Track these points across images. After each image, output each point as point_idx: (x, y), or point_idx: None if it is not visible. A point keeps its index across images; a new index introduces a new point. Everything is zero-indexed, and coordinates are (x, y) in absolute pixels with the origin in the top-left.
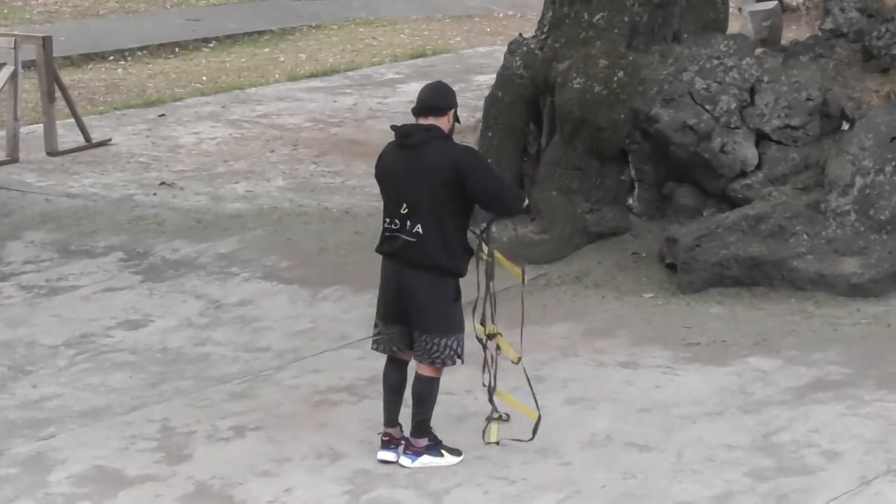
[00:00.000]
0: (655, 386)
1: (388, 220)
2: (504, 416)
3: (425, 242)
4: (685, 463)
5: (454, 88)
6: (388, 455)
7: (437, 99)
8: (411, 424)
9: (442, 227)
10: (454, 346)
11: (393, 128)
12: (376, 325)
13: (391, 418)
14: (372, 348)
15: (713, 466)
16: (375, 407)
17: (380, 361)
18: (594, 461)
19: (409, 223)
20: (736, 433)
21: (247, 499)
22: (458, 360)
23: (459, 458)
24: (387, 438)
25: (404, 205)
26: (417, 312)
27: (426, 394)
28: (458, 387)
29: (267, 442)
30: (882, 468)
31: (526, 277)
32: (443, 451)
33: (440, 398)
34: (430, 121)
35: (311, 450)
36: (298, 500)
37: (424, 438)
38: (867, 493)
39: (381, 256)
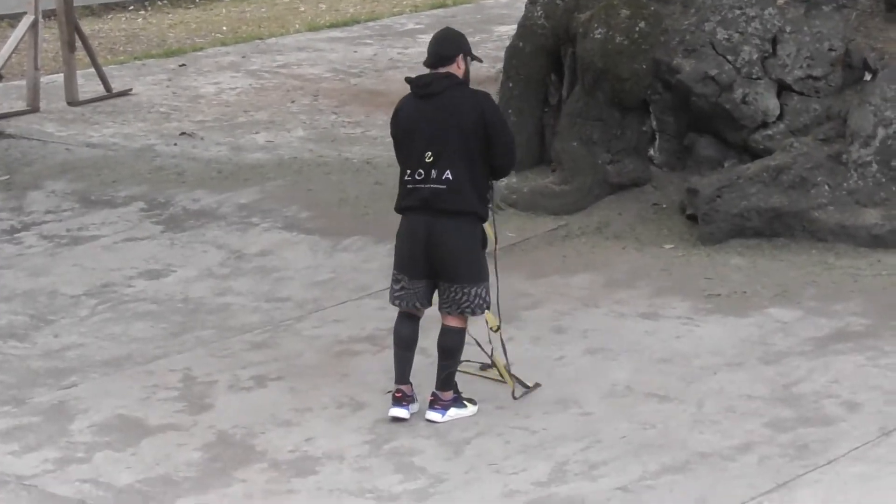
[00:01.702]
0: (676, 337)
1: (409, 171)
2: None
3: (457, 188)
4: (705, 413)
5: (474, 39)
6: (401, 412)
7: (444, 48)
8: (438, 377)
9: (471, 172)
10: (483, 295)
11: (408, 80)
12: (398, 280)
13: (404, 375)
14: (393, 304)
15: (733, 417)
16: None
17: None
18: (614, 411)
19: (434, 171)
20: (756, 384)
21: (268, 448)
22: (487, 309)
23: (476, 407)
24: (399, 395)
25: (429, 153)
26: (451, 262)
27: (455, 346)
28: (478, 337)
29: (288, 392)
30: None
31: (497, 245)
32: (465, 402)
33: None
34: (446, 69)
35: (332, 400)
36: (319, 449)
37: (450, 391)
38: (887, 444)
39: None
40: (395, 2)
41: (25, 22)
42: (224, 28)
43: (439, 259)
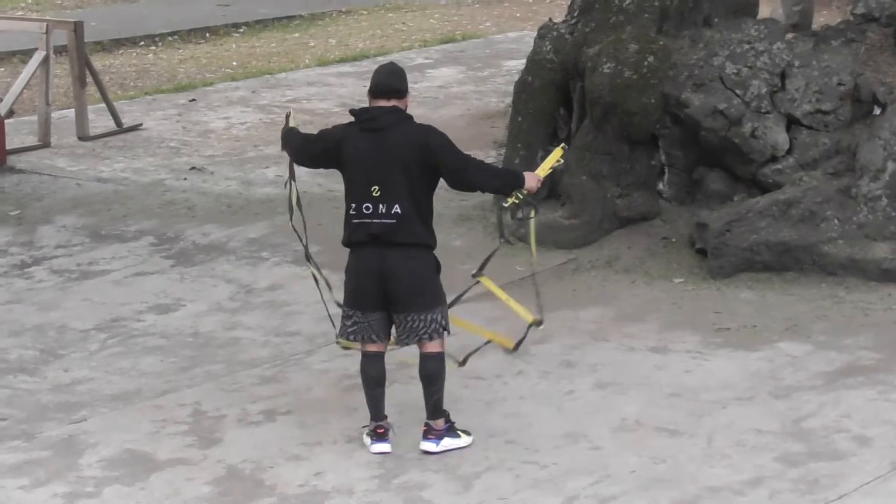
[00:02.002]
0: (685, 371)
1: (354, 205)
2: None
3: (406, 221)
4: (715, 448)
5: (484, 73)
6: (384, 447)
7: (398, 82)
8: (428, 407)
9: (418, 205)
10: (438, 319)
11: (353, 112)
12: (349, 316)
13: (379, 411)
14: (344, 339)
15: (743, 451)
16: (404, 391)
17: (409, 346)
18: (624, 446)
19: (383, 205)
20: (766, 418)
21: (277, 482)
22: (445, 332)
23: (471, 438)
24: (381, 431)
25: (376, 188)
26: (403, 292)
27: (437, 371)
28: (489, 371)
29: (297, 426)
30: None
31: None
32: (458, 432)
33: (470, 383)
34: (393, 102)
35: (342, 434)
36: (328, 483)
37: (442, 419)
38: None
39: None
40: (404, 37)
41: (37, 58)
42: (234, 63)
43: (392, 290)
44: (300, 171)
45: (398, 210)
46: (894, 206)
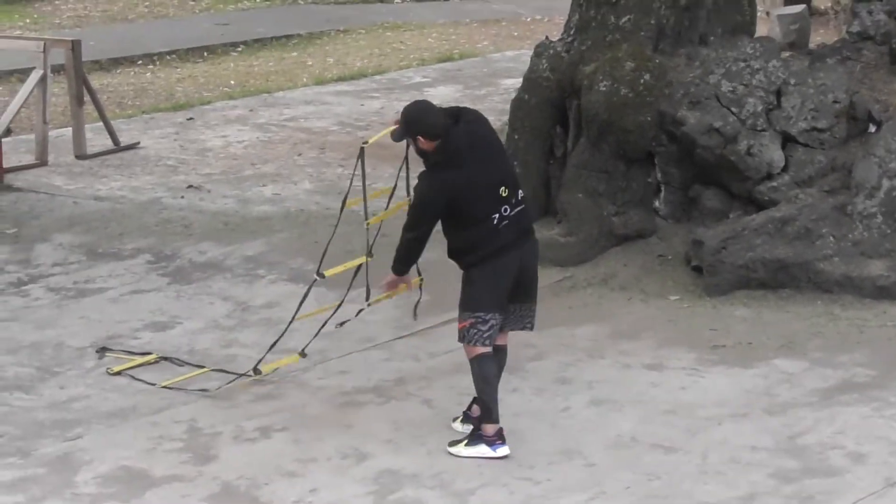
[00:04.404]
0: (681, 388)
1: (494, 215)
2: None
3: (528, 206)
4: (710, 464)
5: (481, 92)
6: (507, 450)
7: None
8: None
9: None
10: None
11: (448, 146)
12: (486, 321)
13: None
14: (482, 345)
15: (738, 468)
16: (401, 408)
17: (405, 363)
18: (619, 462)
19: (513, 199)
20: (761, 435)
21: (272, 499)
22: None
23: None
24: (502, 431)
25: (502, 188)
26: (532, 283)
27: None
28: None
29: (292, 442)
30: None
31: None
32: (487, 441)
33: (465, 400)
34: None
35: (337, 451)
36: (323, 500)
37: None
38: (892, 495)
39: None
40: (402, 56)
41: (34, 77)
42: (232, 82)
43: (525, 283)
44: (298, 186)
45: (520, 197)
46: (889, 224)
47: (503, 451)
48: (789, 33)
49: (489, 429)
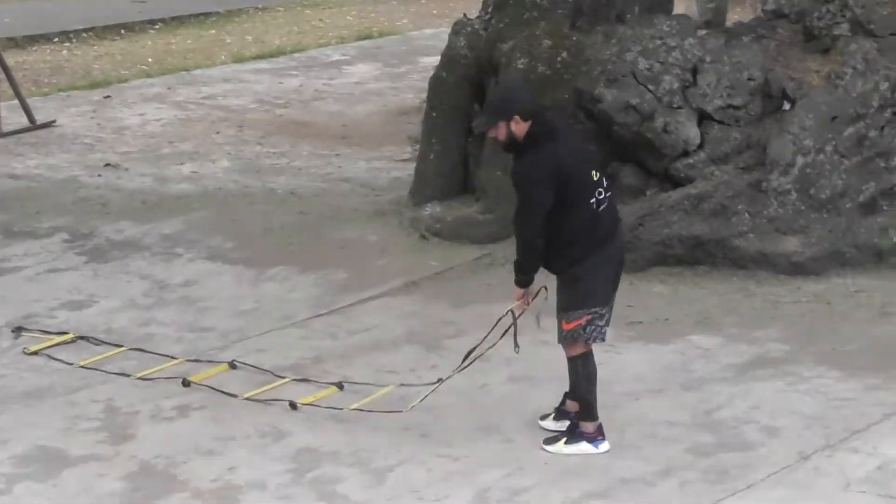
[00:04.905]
0: (598, 363)
1: (593, 200)
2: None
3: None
4: (627, 440)
5: (400, 70)
6: (608, 445)
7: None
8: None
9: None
10: None
11: (550, 127)
12: (602, 315)
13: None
14: (595, 342)
15: (655, 443)
16: (320, 387)
17: (324, 341)
18: (537, 439)
19: (604, 183)
20: (677, 410)
21: (190, 478)
22: None
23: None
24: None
25: (594, 172)
26: (620, 277)
27: None
28: (402, 366)
29: (211, 421)
30: (820, 443)
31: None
32: (584, 439)
33: (384, 377)
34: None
35: (255, 429)
36: (242, 478)
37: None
38: (805, 468)
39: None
40: (321, 33)
41: None
42: (149, 60)
43: (619, 275)
44: (216, 165)
45: (604, 178)
46: (803, 200)
47: (604, 447)
48: (706, 11)
49: (590, 426)
